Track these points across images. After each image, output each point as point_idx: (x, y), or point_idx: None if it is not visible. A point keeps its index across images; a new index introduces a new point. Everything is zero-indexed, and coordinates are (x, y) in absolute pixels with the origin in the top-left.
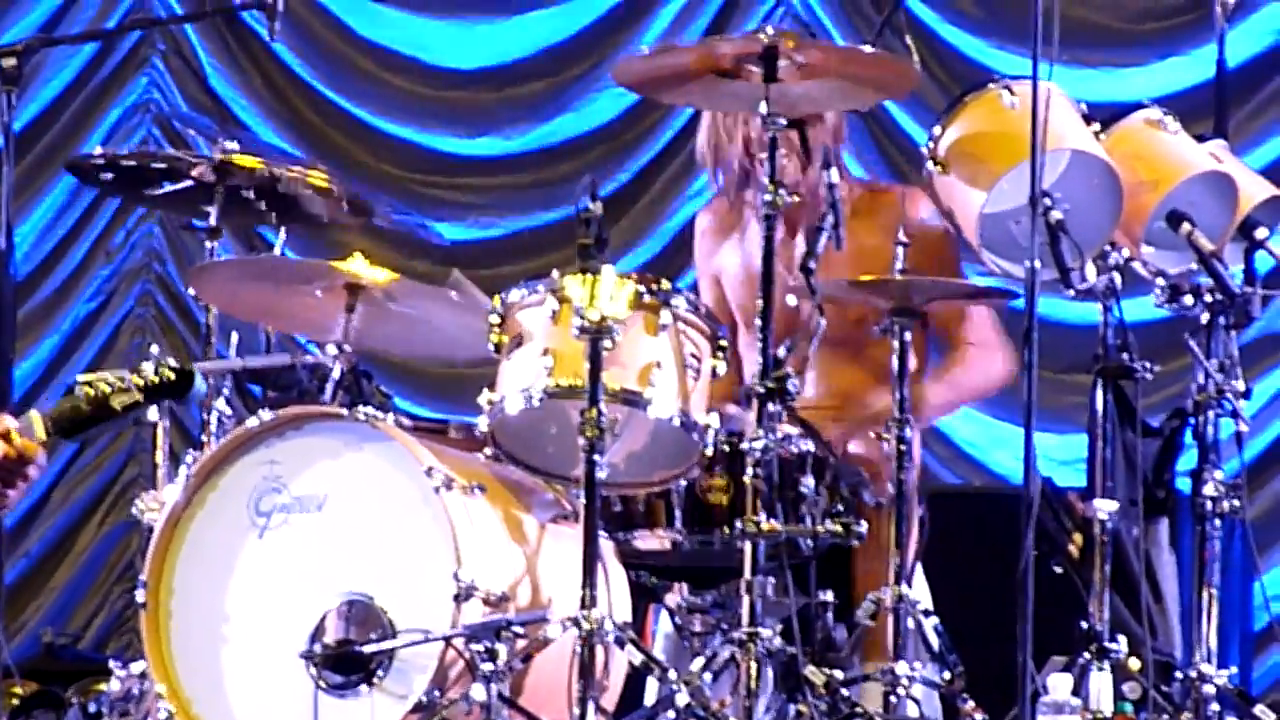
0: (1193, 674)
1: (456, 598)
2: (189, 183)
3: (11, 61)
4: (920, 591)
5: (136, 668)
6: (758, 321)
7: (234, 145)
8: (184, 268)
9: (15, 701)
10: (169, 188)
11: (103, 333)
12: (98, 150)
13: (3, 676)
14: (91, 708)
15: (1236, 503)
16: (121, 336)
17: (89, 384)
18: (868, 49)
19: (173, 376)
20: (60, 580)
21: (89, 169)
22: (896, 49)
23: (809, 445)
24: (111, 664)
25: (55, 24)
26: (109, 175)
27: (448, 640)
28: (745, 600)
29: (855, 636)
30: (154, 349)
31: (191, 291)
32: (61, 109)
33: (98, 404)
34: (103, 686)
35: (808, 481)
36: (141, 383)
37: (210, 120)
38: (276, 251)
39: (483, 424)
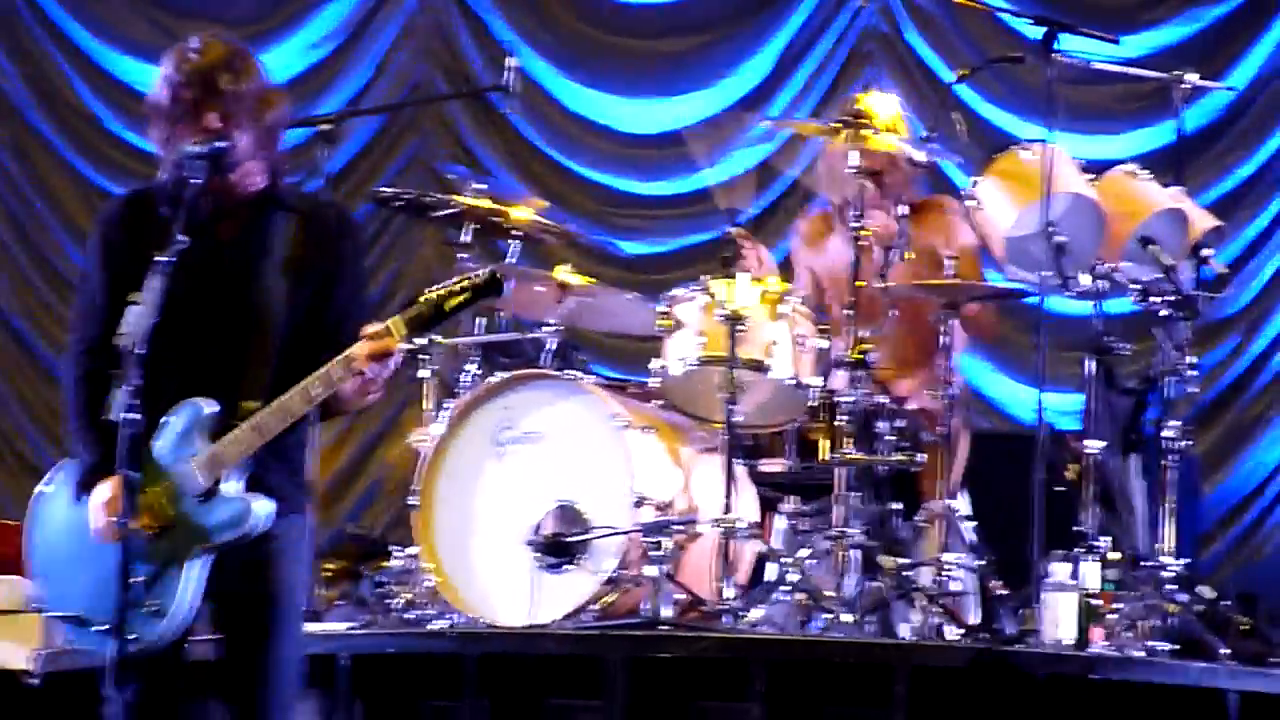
0: (1155, 564)
1: (634, 504)
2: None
3: (329, 127)
4: (963, 503)
5: (411, 551)
6: (846, 313)
7: (483, 187)
8: (445, 273)
9: (327, 574)
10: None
11: (390, 315)
12: (386, 190)
13: (317, 557)
14: (379, 579)
15: (1188, 443)
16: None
17: (429, 294)
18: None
19: (486, 279)
20: (358, 489)
21: (384, 202)
22: (946, 121)
23: (883, 399)
24: (393, 549)
25: (359, 99)
26: (399, 204)
27: (628, 533)
28: (837, 508)
29: (916, 534)
30: None
31: None
32: (362, 159)
33: (436, 307)
34: (387, 564)
35: (881, 424)
36: (464, 285)
37: (465, 168)
38: (509, 260)
39: (653, 382)
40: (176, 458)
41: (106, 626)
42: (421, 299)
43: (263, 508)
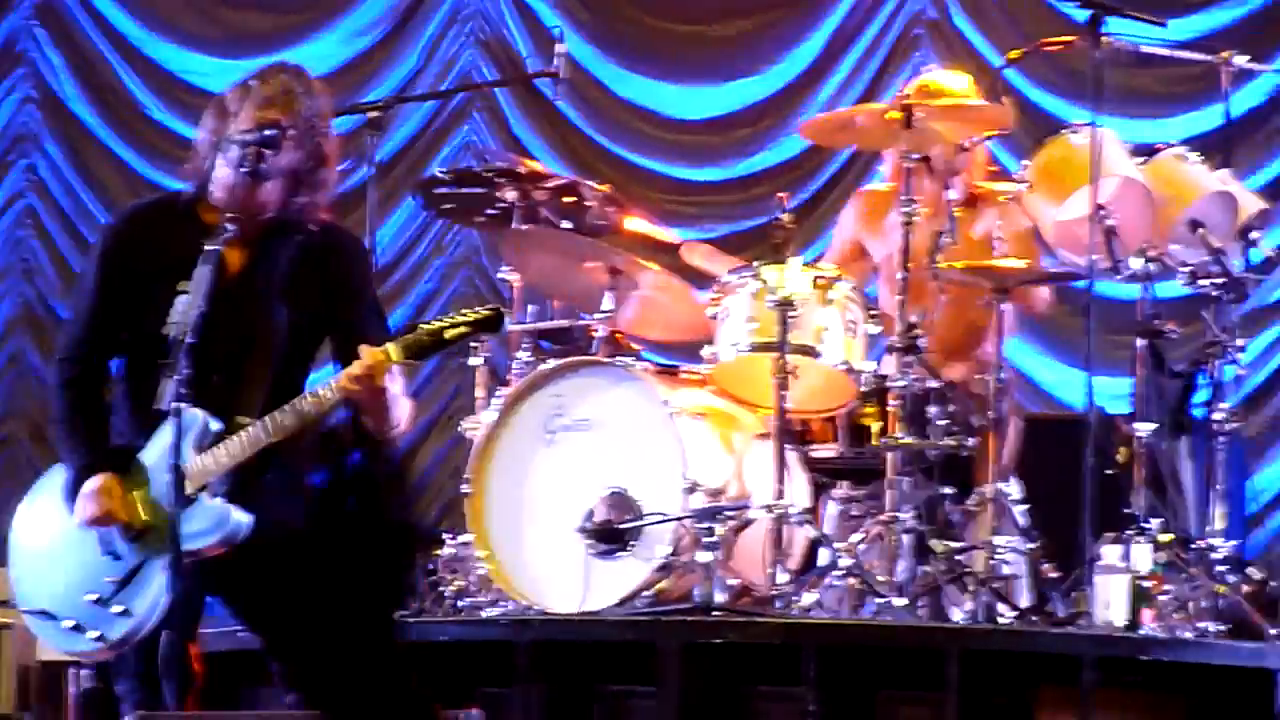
0: (1204, 545)
1: (686, 490)
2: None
3: (376, 115)
4: (1014, 487)
5: (463, 538)
6: (897, 297)
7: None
8: (493, 259)
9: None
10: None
11: (438, 306)
12: (438, 171)
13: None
14: (431, 566)
15: (1236, 425)
16: (453, 306)
17: (429, 323)
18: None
19: (487, 315)
20: (411, 476)
21: (430, 189)
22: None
23: (934, 383)
24: (445, 536)
25: (408, 87)
26: (446, 189)
27: (680, 520)
28: (889, 493)
29: (967, 518)
30: None
31: (502, 272)
32: (410, 147)
33: (435, 335)
34: (439, 551)
35: (933, 409)
36: (464, 319)
37: (513, 155)
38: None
39: (705, 369)
40: (161, 465)
41: (73, 623)
42: (421, 327)
43: (240, 517)
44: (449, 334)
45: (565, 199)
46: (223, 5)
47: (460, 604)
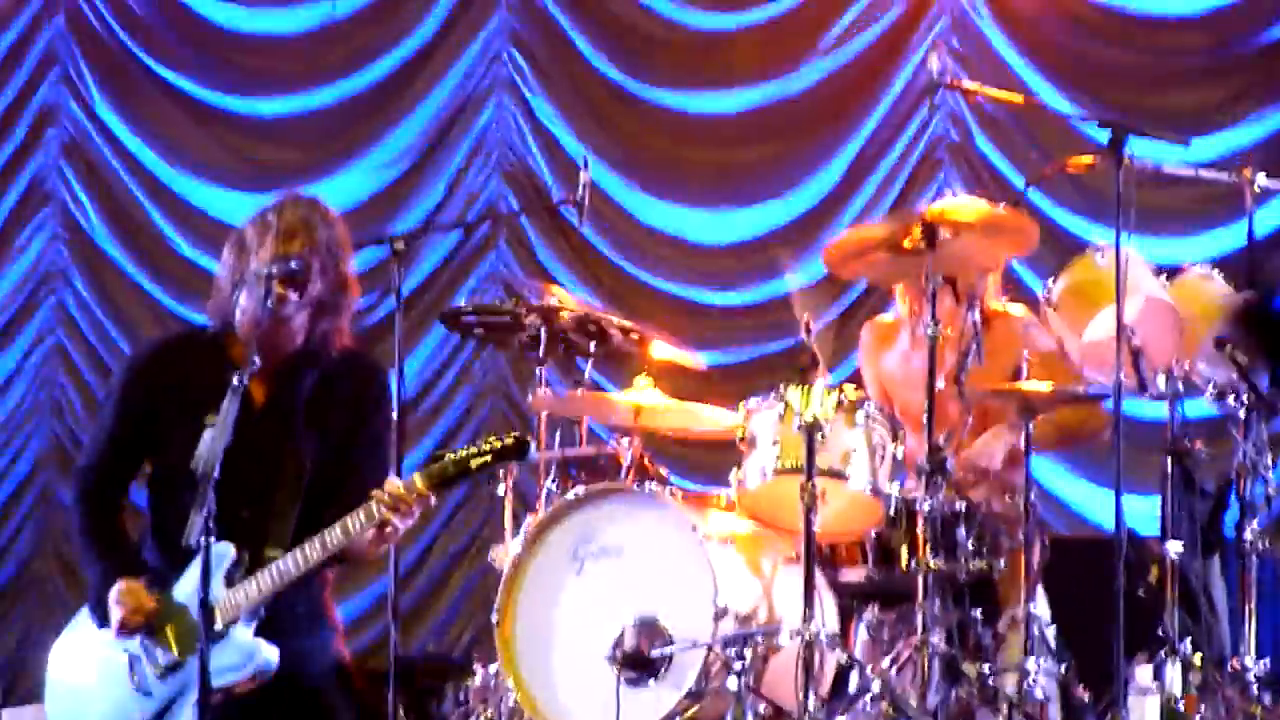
0: (1238, 664)
1: (715, 617)
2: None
3: (401, 245)
4: (1043, 607)
5: (492, 668)
6: (923, 419)
7: (554, 300)
8: (523, 388)
9: (410, 693)
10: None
11: (466, 433)
12: (464, 304)
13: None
14: (461, 696)
15: (1268, 544)
16: (480, 435)
17: (454, 454)
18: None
19: (512, 443)
20: (440, 606)
21: (456, 319)
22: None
23: (961, 505)
24: (475, 665)
25: (434, 217)
26: (472, 319)
27: (710, 647)
28: (919, 615)
29: (998, 640)
30: None
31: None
32: (436, 277)
33: (460, 465)
34: (469, 680)
35: (961, 531)
36: (489, 448)
37: (539, 283)
38: (586, 375)
39: (732, 493)
40: (192, 599)
41: None
42: (448, 456)
43: (269, 651)
44: (475, 463)
45: (590, 327)
46: (249, 140)
47: None
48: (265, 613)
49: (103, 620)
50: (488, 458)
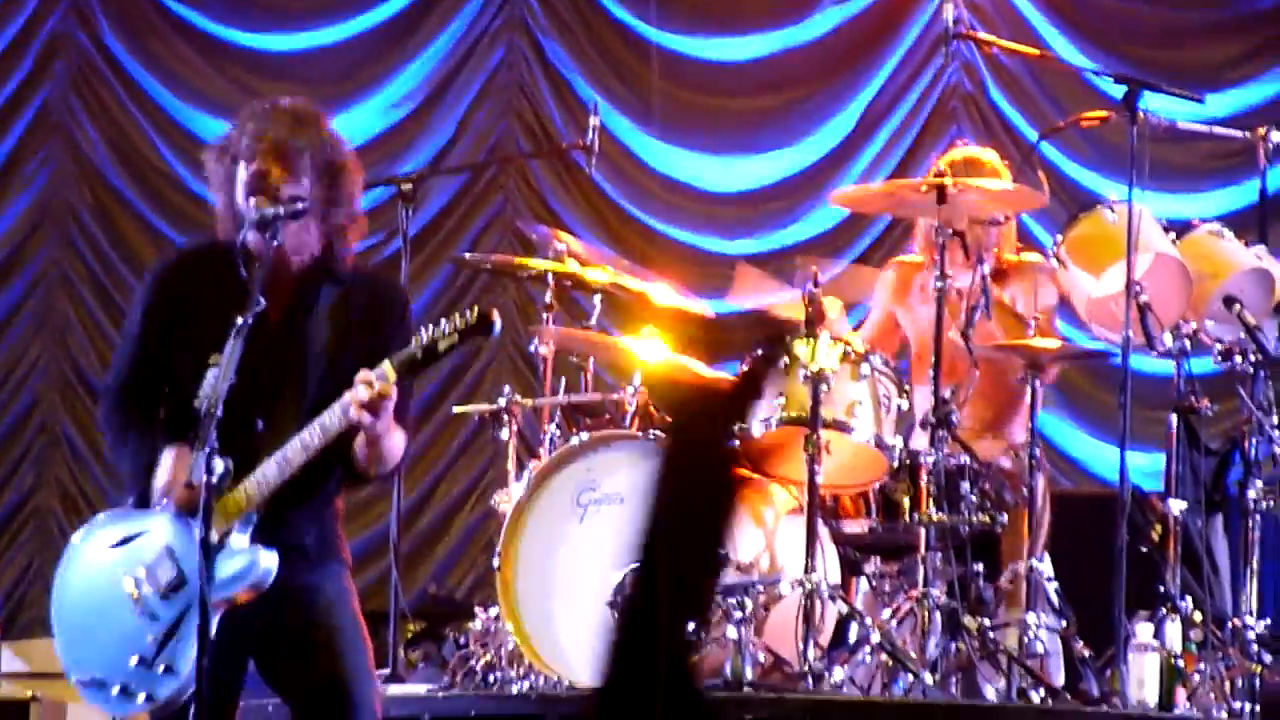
0: (1238, 623)
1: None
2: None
3: (409, 186)
4: (1045, 563)
5: (493, 611)
6: (929, 372)
7: (563, 246)
8: (528, 327)
9: (409, 635)
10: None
11: (472, 377)
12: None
13: (401, 619)
14: (461, 640)
15: (1272, 503)
16: (485, 379)
17: (419, 337)
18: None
19: (476, 321)
20: (441, 551)
21: (464, 266)
22: (1032, 180)
23: (966, 459)
24: (476, 609)
25: (441, 159)
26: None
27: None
28: (920, 568)
29: (999, 595)
30: (506, 389)
31: (534, 345)
32: (443, 219)
33: (427, 349)
34: (469, 625)
35: (965, 485)
36: (455, 328)
37: (547, 228)
38: (593, 320)
39: (736, 443)
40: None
41: (122, 687)
42: (414, 341)
43: (268, 559)
44: (442, 345)
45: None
46: (257, 76)
47: (490, 678)
48: (257, 518)
49: (143, 502)
50: (454, 338)
